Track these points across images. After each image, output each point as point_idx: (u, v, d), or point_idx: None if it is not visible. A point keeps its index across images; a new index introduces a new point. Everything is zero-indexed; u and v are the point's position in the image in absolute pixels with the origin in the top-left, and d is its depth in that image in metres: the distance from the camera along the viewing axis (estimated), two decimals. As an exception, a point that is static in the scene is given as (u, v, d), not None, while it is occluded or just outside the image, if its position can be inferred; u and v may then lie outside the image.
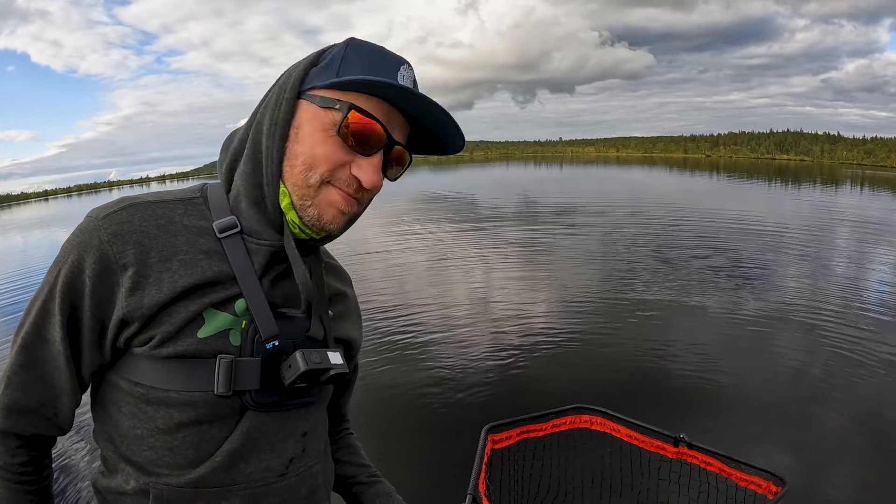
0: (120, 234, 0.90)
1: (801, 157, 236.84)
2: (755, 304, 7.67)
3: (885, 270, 10.22)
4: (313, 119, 0.93)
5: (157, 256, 0.91)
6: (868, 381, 5.23)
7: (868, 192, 34.02)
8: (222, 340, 0.92)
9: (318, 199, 0.94)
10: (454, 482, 3.41)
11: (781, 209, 21.75)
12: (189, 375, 0.91)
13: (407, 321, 6.95)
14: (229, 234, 0.96)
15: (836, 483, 3.72)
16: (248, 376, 0.93)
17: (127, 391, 0.93)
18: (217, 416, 0.93)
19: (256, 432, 0.96)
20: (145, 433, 0.93)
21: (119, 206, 0.94)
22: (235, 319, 0.94)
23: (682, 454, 1.64)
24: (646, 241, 13.11)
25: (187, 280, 0.91)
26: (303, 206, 0.94)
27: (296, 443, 1.03)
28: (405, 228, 15.99)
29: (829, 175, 59.64)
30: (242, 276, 0.95)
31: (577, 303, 7.86)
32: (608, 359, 5.86)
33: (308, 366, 0.92)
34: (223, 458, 0.94)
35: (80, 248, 0.91)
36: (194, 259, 0.93)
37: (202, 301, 0.92)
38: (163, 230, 0.93)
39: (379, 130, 0.92)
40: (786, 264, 10.48)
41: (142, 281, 0.90)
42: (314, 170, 0.92)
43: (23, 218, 49.90)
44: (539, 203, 24.51)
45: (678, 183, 42.59)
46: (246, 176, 0.98)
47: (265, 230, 0.97)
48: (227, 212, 0.99)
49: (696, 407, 4.85)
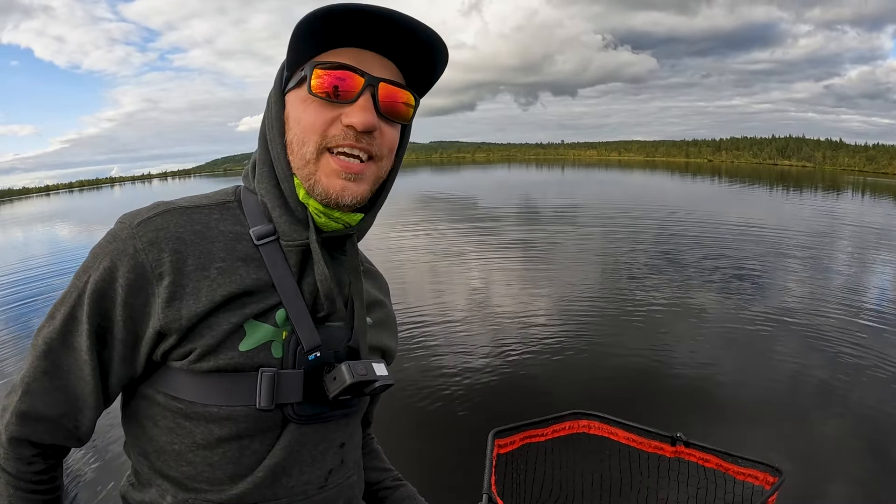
0: (156, 241, 0.87)
1: (802, 162, 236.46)
2: (755, 309, 7.68)
3: (885, 276, 10.23)
4: (295, 100, 0.93)
5: (195, 264, 0.88)
6: (867, 385, 5.25)
7: (869, 198, 33.96)
8: (264, 353, 0.90)
9: (319, 174, 0.92)
10: (463, 485, 3.47)
11: (783, 214, 21.71)
12: (230, 390, 0.89)
13: (409, 322, 6.95)
14: (267, 241, 0.94)
15: (833, 482, 3.74)
16: (290, 389, 0.91)
17: (164, 406, 0.91)
18: (258, 430, 0.91)
19: (298, 445, 0.95)
20: (183, 448, 0.90)
21: (155, 212, 0.91)
22: (276, 330, 0.92)
23: (679, 453, 1.67)
24: (647, 245, 13.09)
25: (226, 289, 0.89)
26: (311, 187, 0.92)
27: (334, 454, 1.02)
28: (406, 228, 15.97)
29: (830, 181, 59.59)
30: (281, 284, 0.93)
31: (577, 306, 7.86)
32: (609, 363, 5.87)
33: (354, 378, 0.90)
34: (265, 472, 0.92)
35: (113, 255, 0.87)
36: (232, 266, 0.91)
37: (243, 312, 0.89)
38: (200, 236, 0.91)
39: (349, 74, 0.89)
40: (787, 269, 10.46)
41: (179, 291, 0.87)
42: (306, 142, 0.91)
43: (24, 213, 49.82)
44: (541, 206, 24.46)
45: (680, 187, 42.53)
46: (264, 178, 0.97)
47: (295, 230, 0.95)
48: (262, 217, 0.97)
49: (696, 411, 4.87)
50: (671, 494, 1.78)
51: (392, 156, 1.00)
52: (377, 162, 0.95)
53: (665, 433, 1.69)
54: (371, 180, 0.95)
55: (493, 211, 21.72)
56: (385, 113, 0.92)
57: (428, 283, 9.28)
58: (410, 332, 6.62)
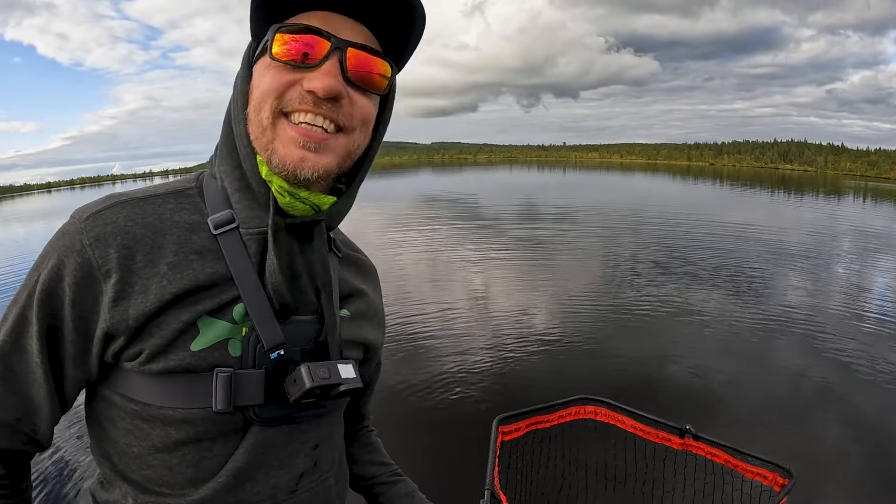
0: (103, 236, 0.81)
1: (804, 167, 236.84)
2: (758, 310, 7.68)
3: (886, 280, 10.21)
4: (258, 69, 0.86)
5: (144, 260, 0.82)
6: (870, 388, 5.25)
7: (871, 203, 34.00)
8: (220, 352, 0.83)
9: (276, 142, 0.84)
10: (467, 474, 3.45)
11: (785, 218, 21.74)
12: (185, 391, 0.83)
13: (414, 318, 6.94)
14: (226, 230, 0.87)
15: (836, 483, 3.71)
16: (250, 390, 0.84)
17: (121, 407, 0.86)
18: (218, 432, 0.85)
19: (263, 448, 0.88)
20: (142, 451, 0.85)
21: (104, 206, 0.84)
22: (234, 327, 0.85)
23: (687, 445, 1.64)
24: (650, 247, 13.11)
25: (177, 286, 0.82)
26: (269, 158, 0.85)
27: (306, 457, 0.95)
28: (408, 228, 15.97)
29: (832, 186, 59.62)
30: (240, 277, 0.85)
31: (582, 302, 7.88)
32: (612, 356, 5.89)
33: (314, 382, 0.83)
34: (227, 477, 0.86)
35: (61, 251, 0.82)
36: (184, 261, 0.84)
37: (195, 309, 0.83)
38: (150, 230, 0.84)
39: (314, 38, 0.81)
40: (789, 272, 10.47)
41: (126, 289, 0.81)
42: (262, 106, 0.83)
43: (25, 209, 49.92)
44: (544, 205, 24.49)
45: (682, 190, 42.57)
46: (224, 159, 0.91)
47: (255, 215, 0.88)
48: (223, 204, 0.89)
49: (699, 407, 4.87)
50: (677, 487, 1.75)
51: (367, 129, 0.91)
52: (347, 134, 0.87)
53: (674, 424, 1.66)
54: (339, 153, 0.87)
55: (496, 210, 21.71)
56: (356, 80, 0.84)
57: (432, 280, 9.29)
58: (414, 326, 6.62)
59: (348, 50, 0.83)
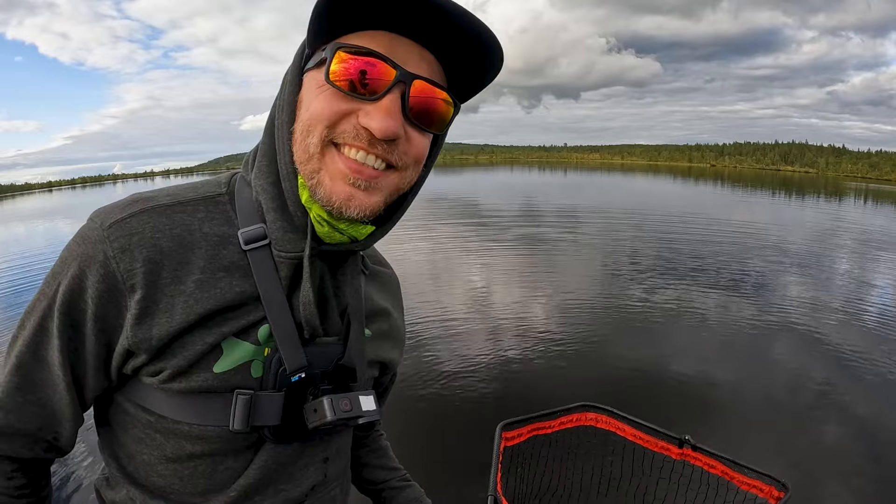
0: (129, 248, 0.77)
1: (805, 168, 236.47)
2: (759, 313, 7.66)
3: (886, 282, 10.21)
4: (311, 82, 0.79)
5: (170, 276, 0.79)
6: (869, 391, 5.26)
7: (872, 205, 33.92)
8: (242, 374, 0.82)
9: (322, 173, 0.78)
10: (471, 478, 3.46)
11: (786, 220, 21.68)
12: (203, 409, 0.82)
13: (417, 321, 6.90)
14: (257, 247, 0.83)
15: (834, 491, 3.72)
16: (268, 412, 0.83)
17: (134, 416, 0.85)
18: (232, 449, 0.85)
19: (275, 464, 0.88)
20: (153, 459, 0.85)
21: (129, 212, 0.80)
22: (258, 349, 0.83)
23: (686, 455, 1.66)
24: (654, 249, 13.08)
25: (204, 306, 0.79)
26: (313, 188, 0.79)
27: (316, 470, 0.95)
28: (407, 228, 15.94)
29: (833, 188, 59.49)
30: (268, 298, 0.82)
31: (585, 306, 7.86)
32: (614, 362, 5.87)
33: (336, 416, 0.82)
34: (238, 493, 0.86)
35: (82, 260, 0.78)
36: (212, 279, 0.80)
37: (220, 330, 0.80)
38: (178, 242, 0.80)
39: (378, 62, 0.74)
40: (791, 274, 10.45)
41: (151, 307, 0.78)
42: (311, 131, 0.77)
43: (26, 208, 49.84)
44: (545, 207, 24.42)
45: (683, 192, 42.47)
46: (262, 172, 0.84)
47: (289, 238, 0.83)
48: (256, 216, 0.84)
49: (698, 412, 4.86)
50: (673, 497, 1.77)
51: (419, 167, 0.85)
52: (399, 172, 0.81)
53: (673, 434, 1.68)
54: (387, 192, 0.81)
55: (498, 212, 21.66)
56: (415, 117, 0.77)
57: (434, 283, 9.27)
58: (416, 329, 6.60)
59: (414, 83, 0.75)
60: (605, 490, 1.94)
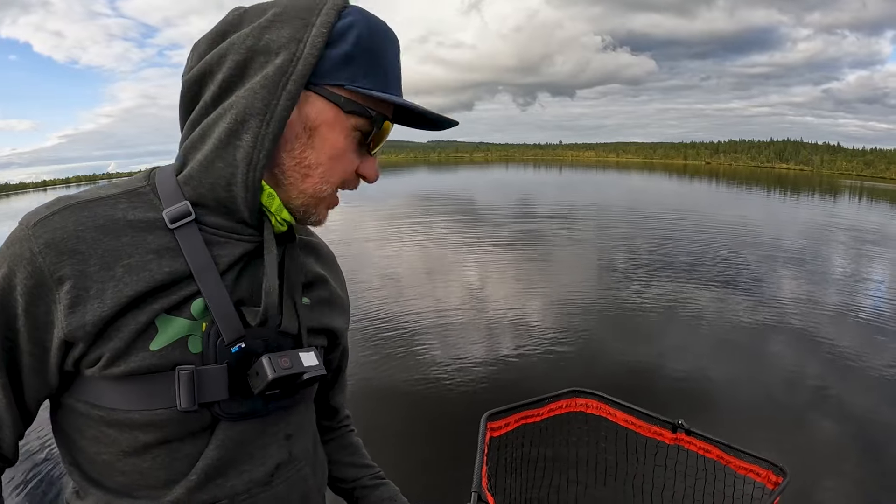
0: (53, 242, 0.77)
1: (800, 166, 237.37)
2: (752, 308, 7.71)
3: (880, 279, 10.24)
4: (334, 124, 0.82)
5: (98, 264, 0.78)
6: (863, 385, 5.28)
7: (867, 202, 34.11)
8: (180, 350, 0.81)
9: (321, 207, 0.89)
10: (456, 472, 3.41)
11: (780, 217, 21.79)
12: (147, 393, 0.81)
13: (403, 314, 6.93)
14: (183, 224, 0.83)
15: (829, 480, 3.71)
16: (213, 386, 0.83)
17: (86, 415, 0.83)
18: (186, 432, 0.84)
19: (233, 444, 0.87)
20: (112, 458, 0.84)
21: (53, 210, 0.80)
22: (193, 323, 0.82)
23: (679, 440, 1.61)
24: (646, 243, 13.15)
25: (134, 287, 0.79)
26: (306, 213, 0.88)
27: (279, 448, 0.94)
28: (402, 225, 15.96)
29: (828, 185, 59.82)
30: (200, 273, 0.82)
31: (575, 297, 7.90)
32: (604, 351, 5.92)
33: (276, 373, 0.82)
34: (199, 476, 0.85)
35: (11, 261, 0.78)
36: (141, 261, 0.80)
37: (152, 308, 0.80)
38: (103, 232, 0.80)
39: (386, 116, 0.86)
40: (784, 269, 10.50)
41: (82, 295, 0.77)
42: (330, 182, 0.86)
43: (20, 208, 49.78)
44: (538, 203, 24.48)
45: (678, 189, 42.64)
46: (208, 168, 0.83)
47: (235, 225, 0.86)
48: (179, 196, 0.85)
49: (691, 398, 4.90)
50: (667, 483, 1.73)
51: None
52: None
53: (666, 419, 1.64)
54: None
55: (491, 209, 21.70)
56: None
57: (423, 276, 9.25)
58: (404, 324, 6.59)
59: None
60: (597, 477, 1.89)
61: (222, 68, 0.81)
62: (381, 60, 0.84)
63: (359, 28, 0.81)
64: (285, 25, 0.80)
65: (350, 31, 0.81)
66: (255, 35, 0.80)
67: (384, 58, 0.84)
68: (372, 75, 0.82)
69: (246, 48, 0.80)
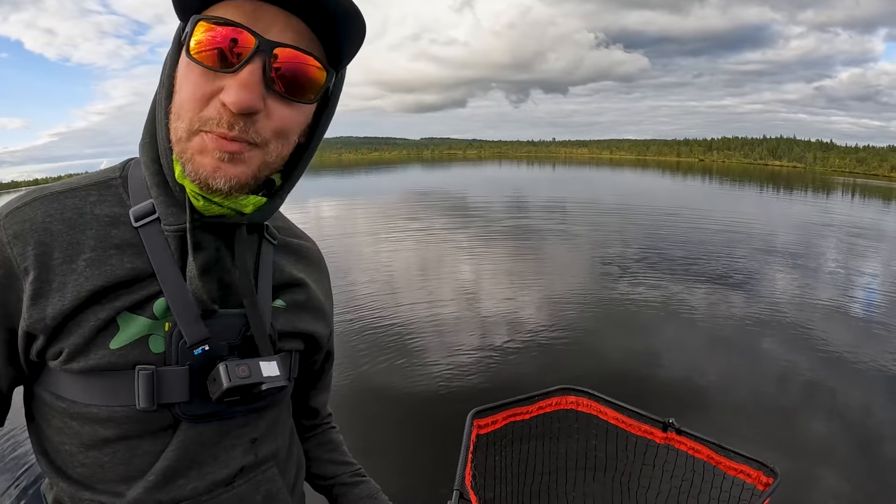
0: (21, 233, 0.78)
1: (793, 163, 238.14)
2: (745, 303, 7.74)
3: (871, 276, 10.27)
4: (182, 61, 0.77)
5: (61, 257, 0.79)
6: (853, 381, 5.30)
7: (860, 200, 34.26)
8: (140, 349, 0.80)
9: (189, 152, 0.77)
10: (442, 472, 3.39)
11: (773, 214, 21.87)
12: (107, 389, 0.80)
13: (392, 312, 6.92)
14: (147, 222, 0.83)
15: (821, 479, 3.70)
16: (174, 388, 0.81)
17: (50, 405, 0.83)
18: (146, 430, 0.83)
19: (194, 445, 0.86)
20: (74, 449, 0.83)
21: (24, 201, 0.82)
22: (155, 323, 0.81)
23: (670, 439, 1.60)
24: (638, 240, 13.19)
25: (94, 282, 0.78)
26: (183, 164, 0.78)
27: (245, 451, 0.92)
28: (393, 222, 15.95)
29: (821, 182, 60.11)
30: (161, 271, 0.81)
31: (566, 295, 7.89)
32: (594, 349, 5.90)
33: (231, 382, 0.80)
34: (157, 476, 0.83)
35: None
36: (103, 256, 0.80)
37: (114, 305, 0.79)
38: (69, 225, 0.80)
39: (238, 32, 0.72)
40: (776, 267, 10.53)
41: (44, 287, 0.78)
42: (181, 116, 0.76)
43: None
44: (530, 200, 24.49)
45: (671, 187, 42.73)
46: (145, 148, 0.84)
47: (173, 212, 0.83)
48: (146, 193, 0.85)
49: (682, 397, 4.90)
50: (657, 482, 1.72)
51: (286, 140, 0.83)
52: (260, 147, 0.78)
53: (657, 418, 1.62)
54: (255, 164, 0.79)
55: (483, 205, 21.69)
56: (282, 88, 0.77)
57: (414, 273, 9.20)
58: (394, 322, 6.58)
59: (274, 52, 0.74)
60: (585, 475, 1.87)
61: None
62: None
63: None
64: None
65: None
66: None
67: None
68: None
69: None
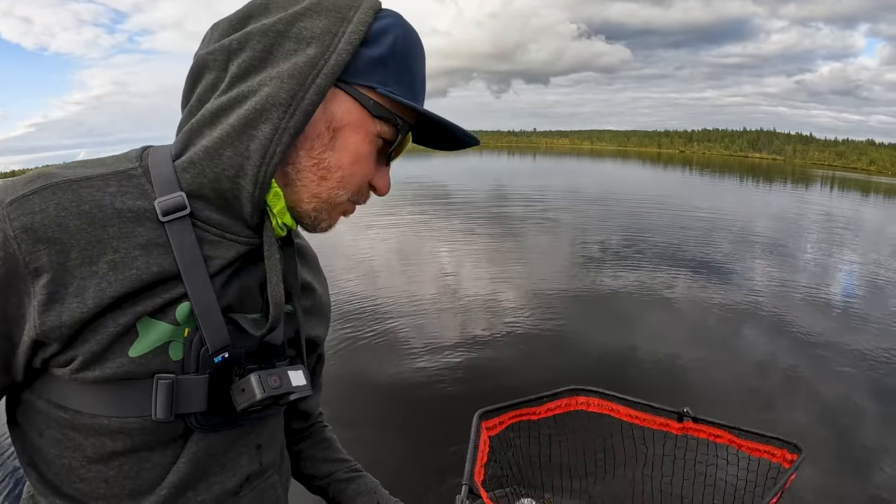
0: (31, 227, 0.68)
1: (773, 156, 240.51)
2: (736, 292, 7.80)
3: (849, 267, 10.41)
4: (360, 127, 0.78)
5: (80, 257, 0.70)
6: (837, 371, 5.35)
7: (838, 192, 34.70)
8: (161, 357, 0.74)
9: (335, 213, 0.84)
10: (446, 473, 3.37)
11: (753, 205, 22.07)
12: (121, 399, 0.73)
13: (387, 309, 6.86)
14: (175, 218, 0.75)
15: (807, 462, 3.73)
16: (192, 397, 0.76)
17: (47, 414, 0.75)
18: (157, 442, 0.77)
19: (205, 455, 0.81)
20: (74, 463, 0.76)
21: (32, 188, 0.70)
22: (176, 329, 0.75)
23: (687, 429, 1.58)
24: (626, 232, 13.26)
25: (118, 288, 0.71)
26: (317, 218, 0.83)
27: (250, 459, 0.89)
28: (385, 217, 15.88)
29: (801, 175, 60.74)
30: (189, 273, 0.75)
31: (557, 291, 7.88)
32: (594, 345, 5.88)
33: (266, 393, 0.76)
34: (169, 490, 0.78)
35: None
36: (127, 258, 0.72)
37: (134, 310, 0.72)
38: (87, 220, 0.70)
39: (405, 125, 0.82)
40: (757, 258, 10.64)
41: (60, 291, 0.69)
42: (346, 189, 0.81)
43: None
44: (517, 193, 24.50)
45: (653, 178, 42.97)
46: (215, 156, 0.76)
47: (233, 223, 0.79)
48: (175, 185, 0.76)
49: (686, 389, 4.91)
50: (679, 471, 1.72)
51: None
52: None
53: (671, 409, 1.61)
54: None
55: (467, 196, 21.65)
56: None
57: (406, 269, 9.17)
58: (389, 319, 6.53)
59: None
60: (605, 472, 1.86)
61: (245, 49, 0.74)
62: (412, 69, 0.80)
63: (395, 32, 0.78)
64: (320, 16, 0.74)
65: (387, 34, 0.77)
66: (287, 21, 0.74)
67: (415, 67, 0.81)
68: (402, 83, 0.79)
69: (275, 32, 0.74)
